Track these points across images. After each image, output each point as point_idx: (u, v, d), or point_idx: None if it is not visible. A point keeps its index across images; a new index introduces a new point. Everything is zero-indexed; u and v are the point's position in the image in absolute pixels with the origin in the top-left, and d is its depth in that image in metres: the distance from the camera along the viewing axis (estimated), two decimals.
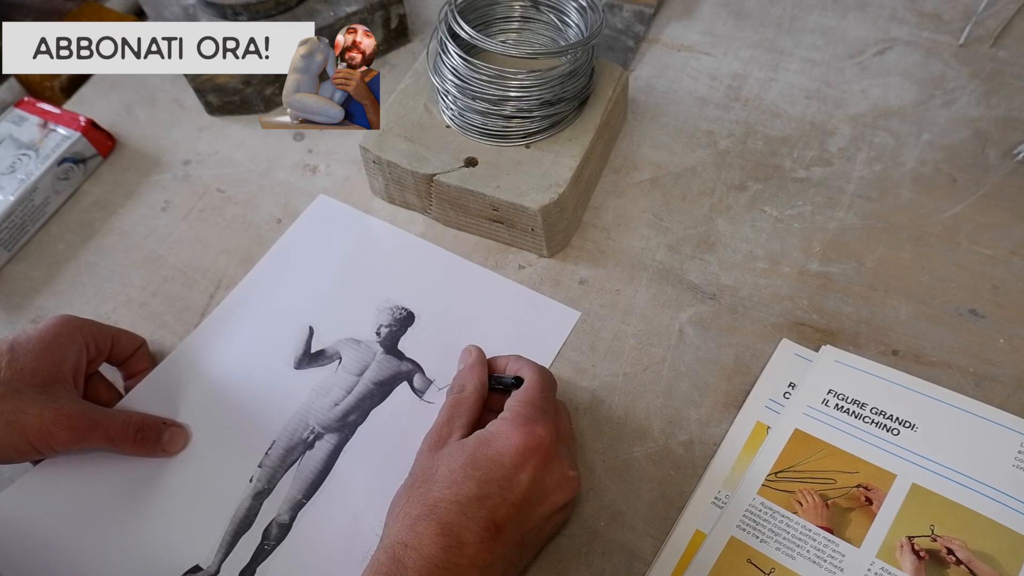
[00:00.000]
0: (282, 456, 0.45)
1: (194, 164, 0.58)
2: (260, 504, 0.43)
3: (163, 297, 0.52)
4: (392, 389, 0.47)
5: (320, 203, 0.55)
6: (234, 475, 0.44)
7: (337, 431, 0.45)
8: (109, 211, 0.57)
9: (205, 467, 0.45)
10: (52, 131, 0.57)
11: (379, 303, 0.50)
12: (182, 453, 0.45)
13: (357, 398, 0.47)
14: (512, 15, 0.53)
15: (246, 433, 0.45)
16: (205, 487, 0.44)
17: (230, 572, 0.41)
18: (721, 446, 0.42)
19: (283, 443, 0.45)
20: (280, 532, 0.42)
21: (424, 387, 0.47)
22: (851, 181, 0.52)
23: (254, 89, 0.58)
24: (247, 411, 0.46)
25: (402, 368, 0.47)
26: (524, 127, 0.49)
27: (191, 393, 0.47)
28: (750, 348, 0.46)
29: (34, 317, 0.52)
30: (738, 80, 0.57)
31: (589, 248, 0.51)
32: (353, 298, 0.50)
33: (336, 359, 0.48)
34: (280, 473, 0.44)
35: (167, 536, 0.42)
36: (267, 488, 0.44)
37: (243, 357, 0.48)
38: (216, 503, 0.43)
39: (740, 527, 0.39)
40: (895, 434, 0.41)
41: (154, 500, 0.44)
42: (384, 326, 0.49)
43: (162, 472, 0.44)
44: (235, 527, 0.43)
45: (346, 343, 0.49)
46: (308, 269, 0.52)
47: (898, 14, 0.59)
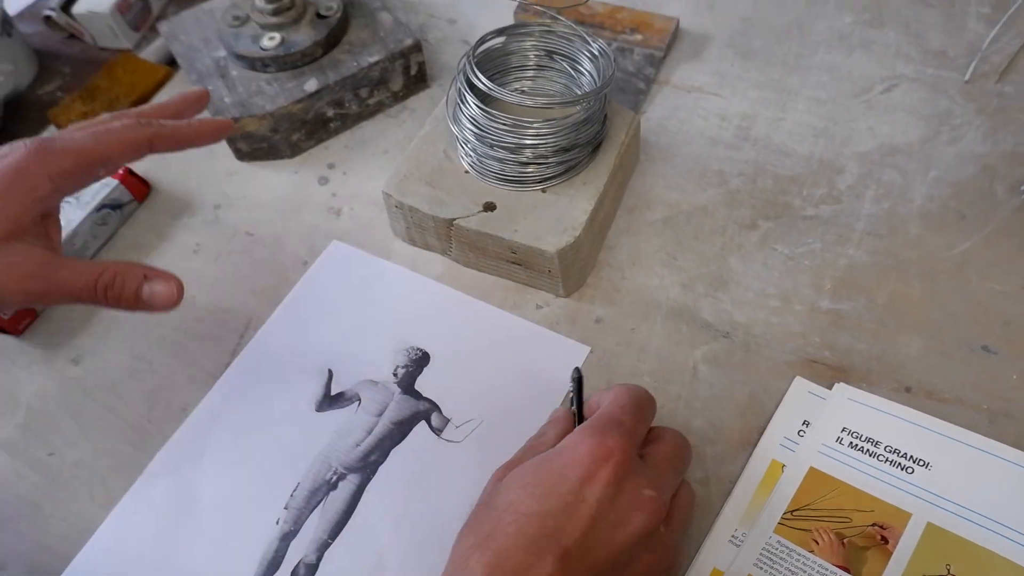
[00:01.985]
0: (307, 497, 0.46)
1: (224, 208, 0.61)
2: (287, 545, 0.45)
3: (196, 337, 0.54)
4: (411, 428, 0.48)
5: (333, 249, 0.57)
6: (261, 517, 0.46)
7: (359, 471, 0.47)
8: (144, 253, 0.59)
9: (233, 511, 0.46)
10: None
11: (395, 344, 0.52)
12: (212, 498, 0.47)
13: (377, 438, 0.48)
14: (527, 64, 0.55)
15: (271, 476, 0.47)
16: (234, 530, 0.45)
17: None
18: (737, 484, 0.43)
19: (307, 484, 0.47)
20: (308, 572, 0.44)
21: (442, 425, 0.48)
22: (860, 218, 0.53)
23: (282, 136, 0.61)
24: (272, 454, 0.48)
25: (420, 407, 0.49)
26: (540, 172, 0.51)
27: (220, 441, 0.49)
28: (764, 385, 0.47)
29: (73, 357, 0.54)
30: (747, 120, 0.59)
31: (604, 287, 0.52)
32: (369, 340, 0.52)
33: (355, 400, 0.50)
34: (306, 514, 0.46)
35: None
36: (293, 529, 0.45)
37: (266, 402, 0.50)
38: (245, 545, 0.45)
39: (757, 565, 0.40)
40: (909, 472, 0.41)
41: (185, 545, 0.45)
42: (401, 367, 0.51)
43: (192, 517, 0.46)
44: (264, 569, 0.44)
45: (365, 384, 0.50)
46: (325, 313, 0.54)
47: (903, 51, 0.61)
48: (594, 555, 0.32)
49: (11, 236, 0.38)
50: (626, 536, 0.33)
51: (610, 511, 0.33)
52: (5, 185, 0.38)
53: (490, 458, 0.45)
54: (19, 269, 0.38)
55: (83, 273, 0.39)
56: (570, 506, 0.32)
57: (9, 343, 0.56)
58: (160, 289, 0.40)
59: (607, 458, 0.33)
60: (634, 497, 0.33)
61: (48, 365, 0.54)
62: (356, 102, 0.63)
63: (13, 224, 0.38)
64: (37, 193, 0.39)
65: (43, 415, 0.52)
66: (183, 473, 0.48)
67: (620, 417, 0.36)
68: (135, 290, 0.40)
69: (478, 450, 0.46)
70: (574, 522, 0.32)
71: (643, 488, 0.34)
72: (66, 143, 0.40)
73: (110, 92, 0.68)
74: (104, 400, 0.52)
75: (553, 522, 0.32)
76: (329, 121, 0.62)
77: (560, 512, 0.32)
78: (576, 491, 0.32)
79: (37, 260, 0.39)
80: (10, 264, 0.38)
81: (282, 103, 0.59)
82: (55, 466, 0.50)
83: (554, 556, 0.31)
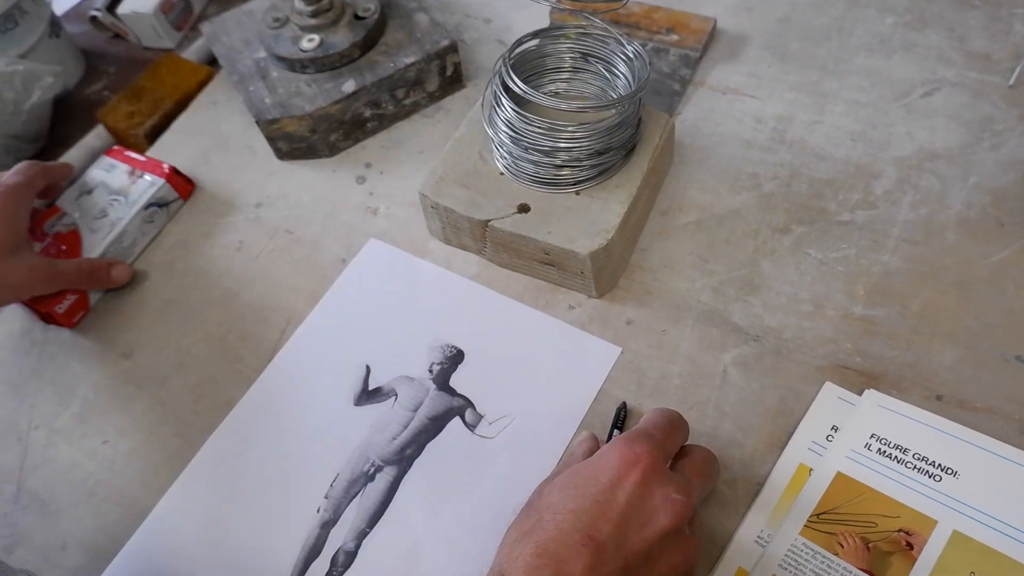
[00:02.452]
0: (346, 488, 0.48)
1: (265, 207, 0.63)
2: (327, 533, 0.47)
3: (239, 333, 0.56)
4: (445, 424, 0.50)
5: (371, 247, 0.59)
6: (303, 506, 0.48)
7: (396, 464, 0.49)
8: (189, 251, 0.61)
9: (277, 500, 0.48)
10: (139, 178, 0.62)
11: (430, 342, 0.53)
12: (256, 486, 0.49)
13: (413, 433, 0.50)
14: (562, 66, 0.56)
15: (312, 466, 0.49)
16: (277, 517, 0.48)
17: None
18: (764, 486, 0.44)
19: (346, 476, 0.49)
20: (347, 559, 0.46)
21: (475, 421, 0.49)
22: (896, 224, 0.52)
23: (320, 136, 0.63)
24: (312, 447, 0.50)
25: (454, 404, 0.50)
26: (574, 175, 0.52)
27: (263, 432, 0.51)
28: (793, 390, 0.47)
29: (123, 350, 0.57)
30: (783, 122, 0.59)
31: (636, 289, 0.53)
32: (406, 337, 0.54)
33: (392, 396, 0.51)
34: (345, 504, 0.48)
35: (244, 562, 0.46)
36: (333, 518, 0.47)
37: (306, 396, 0.52)
38: (287, 532, 0.47)
39: (782, 566, 0.41)
40: (937, 480, 0.41)
41: (233, 531, 0.47)
42: (436, 364, 0.52)
43: (237, 504, 0.48)
44: (306, 555, 0.46)
45: (401, 380, 0.52)
46: (362, 311, 0.55)
47: (945, 55, 0.60)
48: (626, 549, 0.35)
49: (19, 247, 0.54)
50: (654, 533, 0.36)
51: (639, 510, 0.36)
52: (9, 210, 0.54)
53: (522, 454, 0.47)
54: (36, 269, 0.54)
55: (72, 267, 0.56)
56: (602, 505, 0.35)
57: (64, 336, 0.59)
58: (119, 270, 0.59)
59: (635, 462, 0.37)
60: (661, 499, 0.36)
61: (101, 358, 0.57)
62: (392, 103, 0.64)
63: (18, 238, 0.54)
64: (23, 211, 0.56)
65: (97, 406, 0.55)
66: (228, 463, 0.50)
67: (651, 431, 0.40)
68: (107, 274, 0.58)
69: (510, 446, 0.48)
70: (605, 519, 0.35)
71: (670, 492, 0.37)
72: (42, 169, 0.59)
73: (155, 92, 0.70)
74: (153, 392, 0.54)
75: (587, 518, 0.35)
76: (366, 121, 0.64)
77: (593, 509, 0.35)
78: (607, 491, 0.36)
79: (43, 261, 0.55)
80: (29, 266, 0.54)
81: (321, 104, 0.61)
82: (109, 454, 0.52)
83: (588, 549, 0.34)
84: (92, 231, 0.60)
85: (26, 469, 0.53)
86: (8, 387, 0.57)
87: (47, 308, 0.56)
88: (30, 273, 0.54)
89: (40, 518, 0.51)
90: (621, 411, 0.47)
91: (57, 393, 0.56)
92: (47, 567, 0.49)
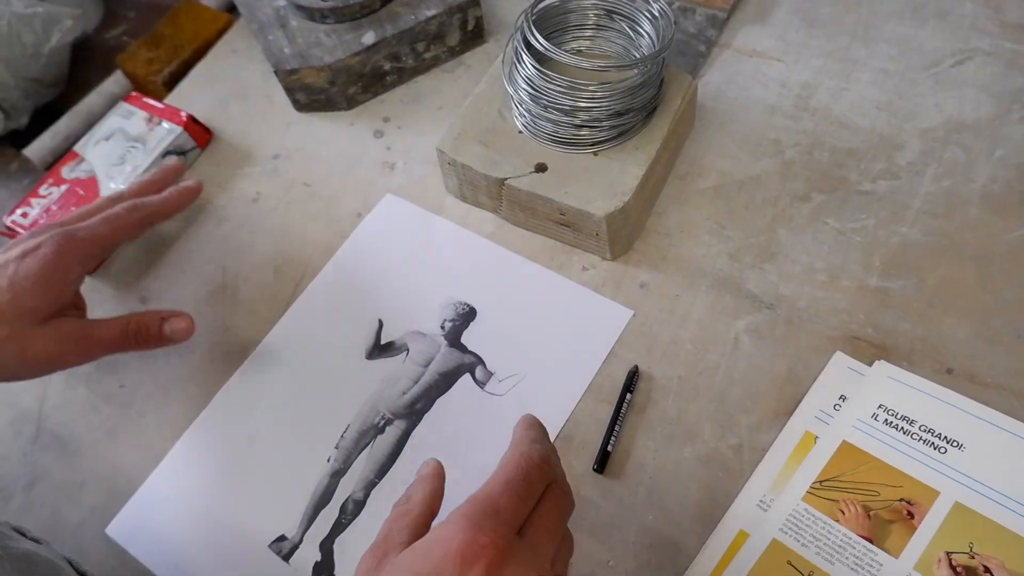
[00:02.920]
0: (356, 439, 0.49)
1: (282, 158, 0.63)
2: (337, 482, 0.48)
3: (254, 285, 0.57)
4: (456, 380, 0.50)
5: (387, 202, 0.59)
6: (313, 455, 0.49)
7: (405, 418, 0.49)
8: (206, 200, 0.62)
9: (288, 448, 0.49)
10: (157, 125, 0.62)
11: (443, 299, 0.53)
12: (268, 436, 0.50)
13: (423, 387, 0.50)
14: (586, 23, 0.55)
15: (324, 417, 0.50)
16: (289, 466, 0.49)
17: (311, 542, 0.46)
18: (769, 452, 0.44)
19: (356, 427, 0.49)
20: (355, 508, 0.47)
21: (485, 378, 0.50)
22: (917, 196, 0.52)
23: (339, 88, 0.62)
24: (324, 398, 0.51)
25: (465, 360, 0.51)
26: (593, 136, 0.51)
27: (276, 382, 0.52)
28: (803, 359, 0.47)
29: (141, 296, 0.58)
30: (808, 89, 0.58)
31: (651, 253, 0.53)
32: (419, 294, 0.54)
33: (404, 351, 0.52)
34: (354, 455, 0.49)
35: (256, 507, 0.48)
36: (343, 468, 0.48)
37: (319, 348, 0.53)
38: (298, 480, 0.48)
39: (783, 530, 0.41)
40: (942, 452, 0.42)
41: (245, 478, 0.49)
42: (448, 320, 0.53)
43: (250, 451, 0.50)
44: (315, 502, 0.47)
45: (413, 336, 0.52)
46: (377, 266, 0.56)
47: (979, 24, 0.58)
48: None
49: (56, 315, 0.47)
50: None
51: None
52: (45, 275, 0.46)
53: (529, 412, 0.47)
54: (68, 338, 0.47)
55: (113, 328, 0.48)
56: None
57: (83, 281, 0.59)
58: (179, 325, 0.50)
59: (478, 557, 0.31)
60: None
61: (119, 303, 0.58)
62: (412, 56, 0.63)
63: (57, 305, 0.47)
64: (70, 277, 0.48)
65: None
66: (242, 411, 0.51)
67: (499, 501, 0.33)
68: (158, 330, 0.49)
69: (518, 403, 0.48)
70: None
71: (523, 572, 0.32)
72: (85, 232, 0.49)
73: (174, 39, 0.70)
74: None
75: None
76: (385, 75, 0.63)
77: None
78: None
79: (78, 328, 0.48)
80: (60, 336, 0.46)
81: (340, 55, 0.60)
82: (126, 398, 0.53)
83: None
84: (109, 178, 0.60)
85: (45, 411, 0.54)
86: None
87: None
88: (58, 346, 0.46)
89: (59, 457, 0.52)
90: (633, 375, 0.48)
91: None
92: (67, 503, 0.50)
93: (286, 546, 0.46)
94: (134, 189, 0.55)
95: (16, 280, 0.45)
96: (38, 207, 0.60)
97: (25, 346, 0.45)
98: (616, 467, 0.46)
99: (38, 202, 0.60)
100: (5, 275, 0.45)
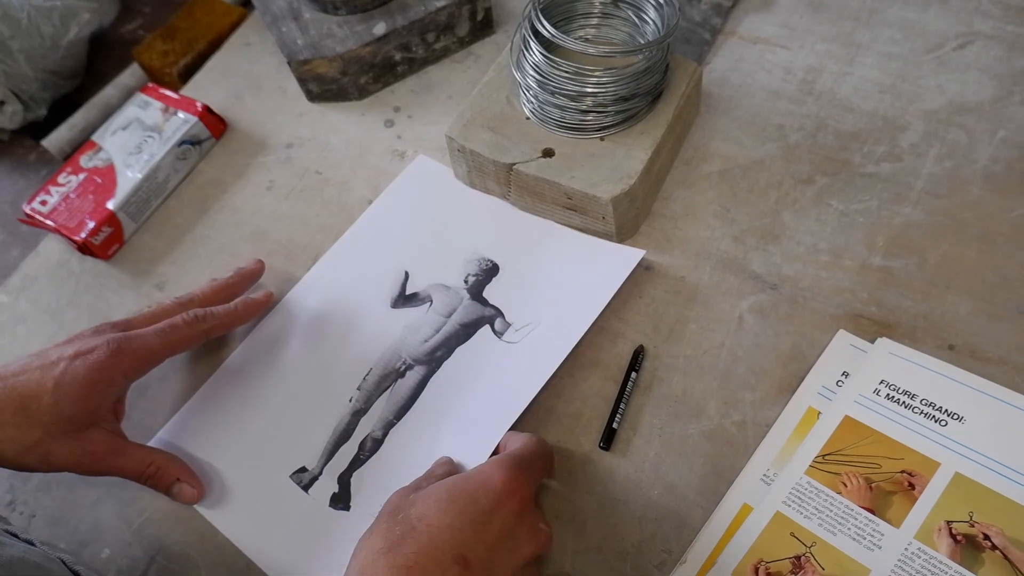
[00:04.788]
0: (377, 382, 0.52)
1: (295, 147, 0.64)
2: (357, 421, 0.50)
3: (268, 270, 0.58)
4: (476, 331, 0.52)
5: (419, 162, 0.60)
6: (337, 394, 0.51)
7: (425, 364, 0.51)
8: (221, 189, 0.63)
9: (313, 386, 0.52)
10: (173, 115, 0.64)
11: (468, 255, 0.55)
12: (295, 374, 0.52)
13: (444, 336, 0.52)
14: (592, 11, 0.56)
15: (348, 360, 0.52)
16: (313, 403, 0.51)
17: (330, 475, 0.49)
18: (773, 427, 0.45)
19: (379, 371, 0.52)
20: (373, 446, 0.49)
21: (503, 329, 0.52)
22: (920, 177, 0.52)
23: (351, 78, 0.63)
24: (350, 342, 0.53)
25: (486, 313, 0.53)
26: (599, 120, 0.52)
27: (306, 322, 0.55)
28: (807, 337, 0.48)
29: (157, 282, 0.59)
30: (812, 74, 0.58)
31: (657, 236, 0.54)
32: (445, 249, 0.56)
33: (428, 301, 0.54)
34: (375, 396, 0.51)
35: (281, 439, 0.50)
36: (364, 408, 0.51)
37: (348, 295, 0.55)
38: (321, 417, 0.51)
39: (786, 503, 0.42)
40: (943, 425, 0.42)
41: (270, 410, 0.52)
42: (472, 275, 0.54)
43: (278, 389, 0.52)
44: (336, 438, 0.50)
45: (437, 288, 0.54)
46: (406, 221, 0.58)
47: (983, 7, 0.59)
48: (492, 570, 0.36)
49: (90, 425, 0.45)
50: (519, 560, 0.38)
51: (510, 538, 0.37)
52: (90, 383, 0.45)
53: (541, 357, 0.49)
54: (93, 455, 0.45)
55: (135, 462, 0.47)
56: (478, 526, 0.36)
57: (100, 267, 0.61)
58: (186, 492, 0.48)
59: (516, 492, 0.38)
60: (530, 530, 0.39)
61: (135, 289, 0.59)
62: (423, 47, 0.64)
63: (93, 416, 0.45)
64: (113, 388, 0.47)
65: None
66: (272, 350, 0.54)
67: (530, 461, 0.41)
68: (167, 486, 0.48)
69: (531, 350, 0.50)
70: (480, 540, 0.36)
71: (538, 523, 0.39)
72: (138, 343, 0.47)
73: (189, 32, 0.71)
74: None
75: (462, 537, 0.36)
76: (396, 65, 0.64)
77: (469, 529, 0.36)
78: (486, 514, 0.37)
79: (107, 447, 0.46)
80: (85, 452, 0.45)
81: (351, 46, 0.61)
82: (141, 382, 0.54)
83: (459, 567, 0.35)
84: (127, 166, 0.62)
85: None
86: (47, 314, 0.59)
87: (84, 239, 0.59)
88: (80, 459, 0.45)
89: None
90: (638, 354, 0.49)
91: (93, 321, 0.57)
92: (83, 484, 0.51)
93: (306, 477, 0.49)
94: (207, 294, 0.53)
95: (62, 383, 0.44)
96: (57, 195, 0.61)
97: (51, 451, 0.44)
98: (622, 444, 0.47)
99: (57, 190, 0.61)
100: (52, 376, 0.44)
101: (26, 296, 0.61)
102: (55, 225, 0.60)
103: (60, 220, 0.60)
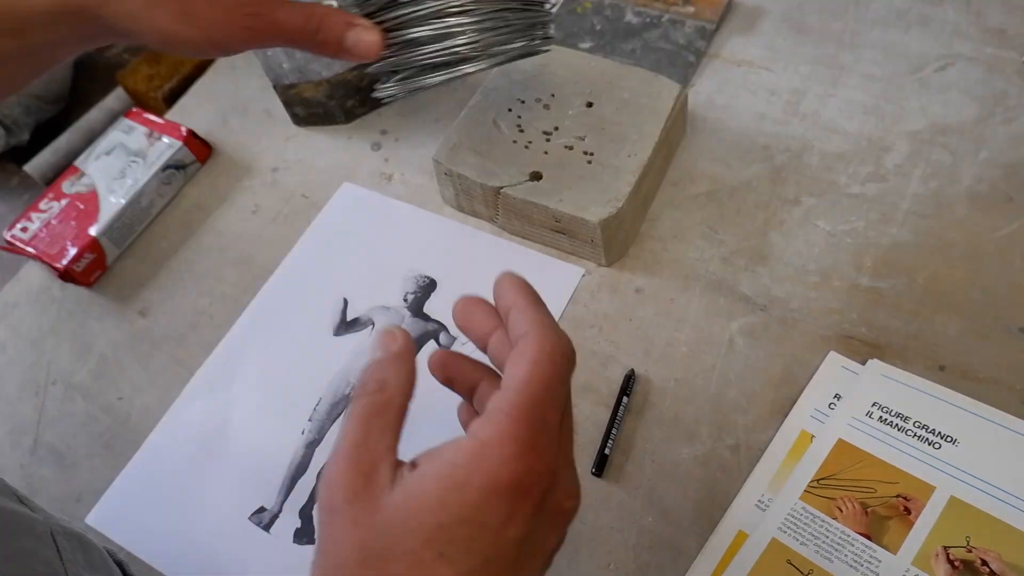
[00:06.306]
0: (328, 410, 0.51)
1: (281, 171, 0.64)
2: (312, 452, 0.50)
3: (253, 294, 0.57)
4: (421, 347, 0.53)
5: (343, 191, 0.61)
6: (288, 429, 0.51)
7: None
8: (206, 213, 0.62)
9: (264, 423, 0.51)
10: (157, 140, 0.63)
11: (404, 273, 0.56)
12: (244, 413, 0.52)
13: None
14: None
15: (296, 392, 0.52)
16: (265, 440, 0.51)
17: (291, 510, 0.48)
18: (766, 452, 0.45)
19: (328, 399, 0.52)
20: None
21: (449, 343, 0.52)
22: (906, 197, 0.53)
23: (337, 102, 0.63)
24: (296, 374, 0.53)
25: (428, 327, 0.53)
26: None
27: (249, 362, 0.54)
28: (798, 359, 0.48)
29: (140, 308, 0.58)
30: (796, 95, 0.59)
31: (646, 258, 0.54)
32: (381, 270, 0.56)
33: (369, 324, 0.54)
34: (328, 425, 0.51)
35: (235, 485, 0.49)
36: (317, 438, 0.50)
37: (290, 329, 0.55)
38: (274, 454, 0.50)
39: (781, 529, 0.42)
40: (936, 448, 0.42)
41: (222, 456, 0.50)
42: (410, 293, 0.55)
43: (228, 429, 0.51)
44: (292, 472, 0.49)
45: (377, 310, 0.55)
46: (338, 248, 0.58)
47: (962, 29, 0.59)
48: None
49: None
50: (548, 552, 0.28)
51: (530, 545, 0.26)
52: None
53: None
54: (243, 6, 0.37)
55: (297, 14, 0.38)
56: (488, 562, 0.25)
57: (82, 294, 0.60)
58: (364, 38, 0.40)
59: (532, 487, 0.25)
60: (555, 514, 0.27)
61: (118, 316, 0.58)
62: None
63: None
64: None
65: (113, 362, 0.56)
66: (218, 392, 0.53)
67: (546, 413, 0.27)
68: (338, 37, 0.39)
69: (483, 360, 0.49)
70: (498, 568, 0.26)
71: (563, 500, 0.28)
72: None
73: (174, 56, 0.71)
74: (169, 351, 0.56)
75: None
76: None
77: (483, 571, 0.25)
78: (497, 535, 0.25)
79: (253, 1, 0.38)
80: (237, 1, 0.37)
81: (337, 70, 0.61)
82: (124, 410, 0.54)
83: None
84: (110, 192, 0.61)
85: (43, 422, 0.54)
86: (27, 343, 0.58)
87: (65, 266, 0.58)
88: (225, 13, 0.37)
89: (56, 470, 0.52)
90: (629, 378, 0.48)
91: (74, 349, 0.57)
92: (63, 515, 0.50)
93: (266, 516, 0.48)
94: None
95: None
96: (39, 221, 0.60)
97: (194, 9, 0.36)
98: (614, 470, 0.46)
99: (38, 216, 0.60)
100: None
101: (6, 324, 0.59)
102: (36, 252, 0.59)
103: (41, 247, 0.59)
